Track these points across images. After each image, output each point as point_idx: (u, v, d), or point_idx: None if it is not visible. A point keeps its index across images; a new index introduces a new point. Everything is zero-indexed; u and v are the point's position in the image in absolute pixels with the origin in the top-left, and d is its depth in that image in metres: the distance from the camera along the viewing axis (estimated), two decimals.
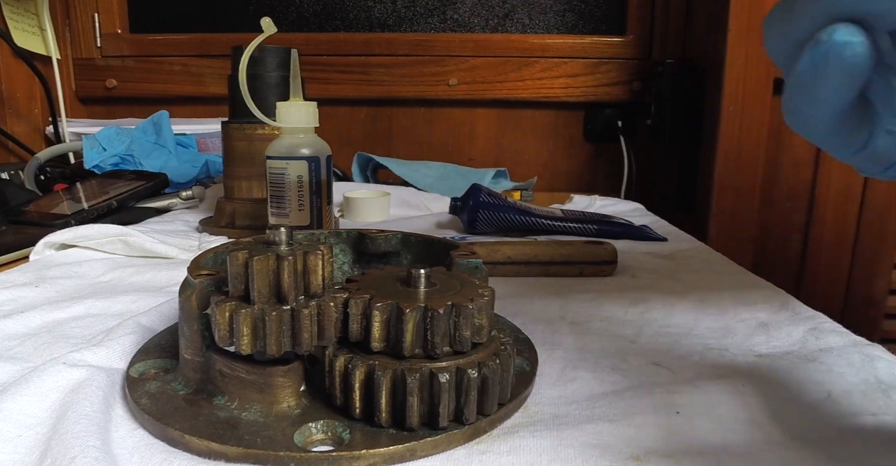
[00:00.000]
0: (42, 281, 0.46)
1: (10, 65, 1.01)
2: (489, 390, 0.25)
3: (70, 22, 1.15)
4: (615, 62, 1.10)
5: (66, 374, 0.28)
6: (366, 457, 0.24)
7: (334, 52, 1.14)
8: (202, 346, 0.27)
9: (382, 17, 1.16)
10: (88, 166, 0.88)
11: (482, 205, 0.66)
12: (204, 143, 1.04)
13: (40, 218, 0.66)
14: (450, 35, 1.14)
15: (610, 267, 0.51)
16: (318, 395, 0.27)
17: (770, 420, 0.27)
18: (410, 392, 0.24)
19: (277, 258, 0.25)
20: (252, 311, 0.25)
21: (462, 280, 0.29)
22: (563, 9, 1.14)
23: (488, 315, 0.26)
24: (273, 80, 0.64)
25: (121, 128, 0.94)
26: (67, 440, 0.23)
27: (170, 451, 0.24)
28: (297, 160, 0.53)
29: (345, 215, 0.78)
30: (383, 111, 1.17)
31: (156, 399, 0.27)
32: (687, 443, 0.25)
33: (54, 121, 1.05)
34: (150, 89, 1.16)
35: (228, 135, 0.65)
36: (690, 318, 0.40)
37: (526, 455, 0.24)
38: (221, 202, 0.67)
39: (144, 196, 0.75)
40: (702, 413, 0.28)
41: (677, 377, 0.31)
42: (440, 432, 0.25)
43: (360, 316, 0.26)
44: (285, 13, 1.16)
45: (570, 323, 0.40)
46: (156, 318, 0.36)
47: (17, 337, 0.36)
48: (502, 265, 0.50)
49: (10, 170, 0.82)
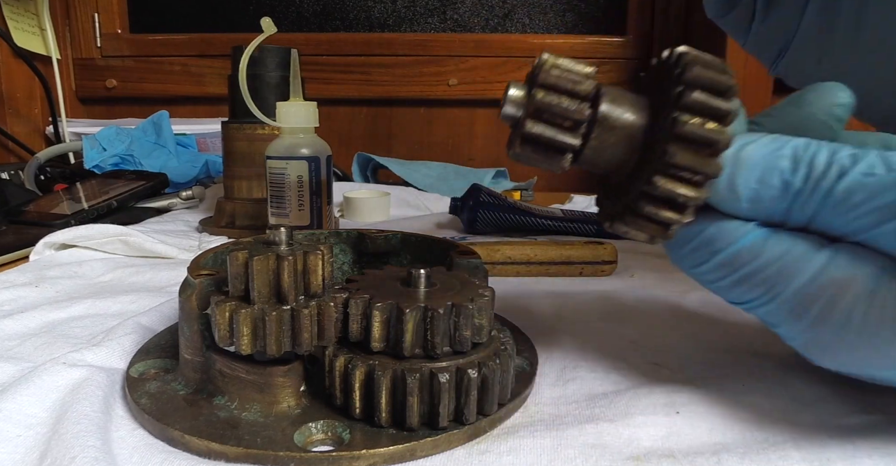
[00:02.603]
0: (42, 281, 0.46)
1: (10, 65, 1.01)
2: (489, 390, 0.25)
3: (70, 22, 1.15)
4: (615, 62, 1.10)
5: (65, 374, 0.28)
6: (366, 457, 0.24)
7: (334, 52, 1.14)
8: (202, 346, 0.27)
9: (382, 17, 1.16)
10: (88, 166, 0.88)
11: (482, 205, 0.66)
12: (204, 143, 1.04)
13: (40, 218, 0.66)
14: (450, 35, 1.14)
15: (610, 267, 0.51)
16: (318, 395, 0.27)
17: (770, 420, 0.27)
18: (410, 393, 0.24)
19: (277, 258, 0.25)
20: (252, 311, 0.25)
21: (462, 280, 0.29)
22: (563, 9, 1.14)
23: (488, 315, 0.26)
24: (273, 80, 0.64)
25: (121, 128, 0.94)
26: (67, 440, 0.23)
27: (170, 451, 0.24)
28: (297, 160, 0.53)
29: (345, 215, 0.78)
30: (383, 111, 1.17)
31: (156, 399, 0.27)
32: (687, 443, 0.25)
33: (54, 121, 1.05)
34: (149, 89, 1.16)
35: (228, 135, 0.65)
36: (691, 318, 0.40)
37: (526, 455, 0.24)
38: (221, 202, 0.67)
39: (144, 196, 0.75)
40: (702, 413, 0.28)
41: (677, 377, 0.31)
42: (440, 432, 0.25)
43: (360, 316, 0.26)
44: (285, 13, 1.16)
45: (570, 323, 0.40)
46: (156, 318, 0.36)
47: (17, 336, 0.36)
48: (502, 265, 0.50)
49: (10, 170, 0.82)
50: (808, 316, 0.23)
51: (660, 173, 0.23)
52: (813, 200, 0.23)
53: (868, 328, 0.22)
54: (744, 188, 0.23)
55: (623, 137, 0.24)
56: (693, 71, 0.23)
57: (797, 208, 0.23)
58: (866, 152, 0.22)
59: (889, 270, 0.22)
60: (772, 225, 0.24)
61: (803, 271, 0.23)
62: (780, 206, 0.23)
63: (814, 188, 0.23)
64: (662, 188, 0.23)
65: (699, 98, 0.22)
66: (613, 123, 0.24)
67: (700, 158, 0.23)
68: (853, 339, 0.23)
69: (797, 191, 0.23)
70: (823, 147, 0.23)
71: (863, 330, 0.22)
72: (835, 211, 0.22)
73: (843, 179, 0.22)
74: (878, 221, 0.22)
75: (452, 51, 1.13)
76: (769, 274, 0.24)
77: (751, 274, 0.24)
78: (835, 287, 0.23)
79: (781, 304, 0.24)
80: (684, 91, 0.22)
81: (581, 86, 0.24)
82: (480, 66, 1.12)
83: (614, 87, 0.25)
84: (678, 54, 0.23)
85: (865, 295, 0.22)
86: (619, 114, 0.24)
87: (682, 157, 0.22)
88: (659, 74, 0.25)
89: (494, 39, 1.12)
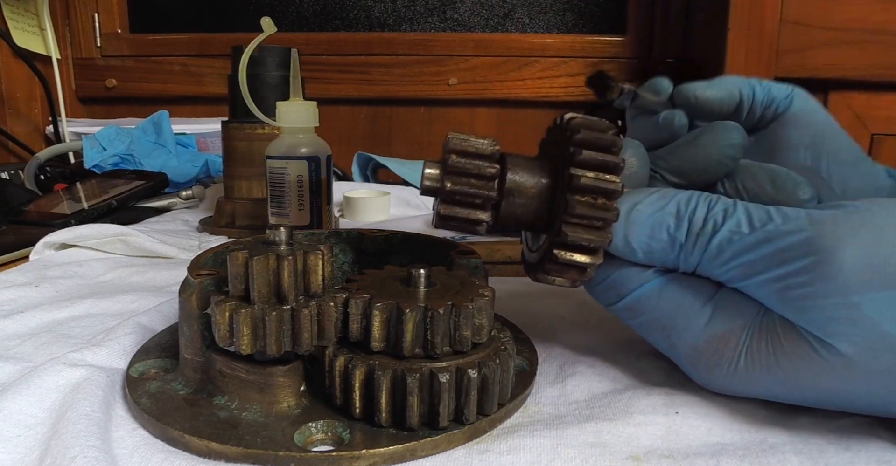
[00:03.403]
0: (42, 281, 0.46)
1: (10, 65, 1.01)
2: (489, 390, 0.25)
3: (70, 22, 1.15)
4: (615, 62, 1.10)
5: (66, 374, 0.28)
6: (366, 457, 0.24)
7: (334, 52, 1.14)
8: (202, 346, 0.27)
9: (382, 16, 1.16)
10: (88, 166, 0.88)
11: None
12: (204, 143, 1.04)
13: (40, 218, 0.66)
14: (450, 35, 1.14)
15: None
16: (318, 395, 0.27)
17: (768, 421, 0.27)
18: (410, 392, 0.24)
19: (277, 258, 0.25)
20: (252, 311, 0.25)
21: (462, 280, 0.29)
22: (562, 8, 1.14)
23: (488, 315, 0.26)
24: (273, 80, 0.64)
25: (121, 128, 0.94)
26: (67, 440, 0.23)
27: (170, 451, 0.24)
28: (296, 160, 0.53)
29: (345, 215, 0.78)
30: (383, 111, 1.17)
31: (156, 399, 0.27)
32: (686, 443, 0.25)
33: (54, 121, 1.05)
34: (149, 89, 1.16)
35: (228, 135, 0.65)
36: None
37: (526, 454, 0.24)
38: (221, 202, 0.67)
39: (144, 196, 0.75)
40: (701, 412, 0.28)
41: (677, 377, 0.31)
42: (440, 432, 0.25)
43: (360, 316, 0.26)
44: (285, 13, 1.16)
45: (570, 322, 0.40)
46: (156, 318, 0.36)
47: (17, 336, 0.36)
48: (502, 265, 0.50)
49: (10, 170, 0.82)
50: (702, 366, 0.27)
51: (567, 223, 0.26)
52: (695, 253, 0.26)
53: (750, 372, 0.26)
54: (637, 243, 0.27)
55: (530, 198, 0.28)
56: (581, 134, 0.27)
57: (683, 258, 0.27)
58: (736, 207, 0.26)
59: (758, 319, 0.26)
60: (668, 270, 0.28)
61: (691, 327, 0.27)
62: (669, 256, 0.27)
63: (694, 242, 0.26)
64: (572, 236, 0.26)
65: (589, 155, 0.26)
66: (520, 189, 0.28)
67: (598, 206, 0.26)
68: (740, 383, 0.26)
69: (681, 244, 0.26)
70: (702, 201, 0.26)
71: (746, 375, 0.26)
72: (712, 263, 0.26)
73: (715, 236, 0.25)
74: (744, 275, 0.25)
75: (452, 50, 1.13)
76: (665, 323, 0.28)
77: (652, 321, 0.28)
78: (717, 341, 0.26)
79: (680, 353, 0.28)
80: (575, 151, 0.26)
81: (486, 167, 0.27)
82: (480, 65, 1.12)
83: (516, 156, 0.29)
84: (566, 119, 0.28)
85: (743, 346, 0.26)
86: (524, 181, 0.28)
87: (583, 208, 0.26)
88: (555, 137, 0.29)
89: (494, 39, 1.12)
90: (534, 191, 0.28)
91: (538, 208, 0.28)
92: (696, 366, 0.28)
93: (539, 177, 0.28)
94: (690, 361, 0.28)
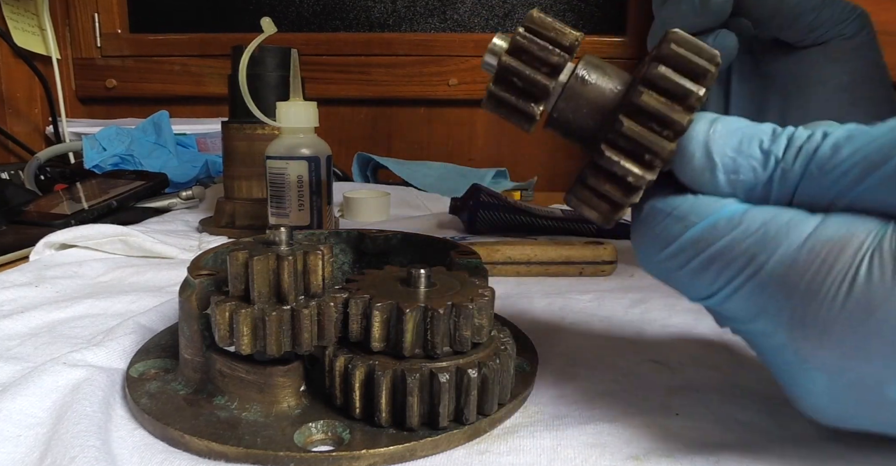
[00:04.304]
0: (42, 281, 0.46)
1: (10, 65, 1.01)
2: (489, 390, 0.25)
3: (70, 22, 1.15)
4: (615, 62, 1.09)
5: (66, 374, 0.28)
6: (366, 457, 0.24)
7: (334, 52, 1.14)
8: (202, 346, 0.27)
9: (382, 17, 1.16)
10: (88, 166, 0.88)
11: (482, 205, 0.66)
12: (204, 143, 1.04)
13: (40, 218, 0.66)
14: (450, 35, 1.14)
15: (610, 267, 0.51)
16: (318, 395, 0.27)
17: (770, 420, 0.27)
18: (410, 392, 0.24)
19: (277, 258, 0.25)
20: (252, 311, 0.25)
21: (462, 280, 0.29)
22: (562, 8, 1.14)
23: (488, 315, 0.26)
24: (273, 80, 0.64)
25: (121, 128, 0.94)
26: (67, 440, 0.23)
27: (170, 451, 0.24)
28: (297, 160, 0.53)
29: (345, 215, 0.78)
30: (383, 111, 1.17)
31: (156, 399, 0.27)
32: (686, 443, 0.25)
33: (54, 121, 1.05)
34: (149, 89, 1.16)
35: (228, 135, 0.65)
36: (690, 318, 0.40)
37: (526, 455, 0.25)
38: (221, 202, 0.67)
39: (144, 196, 0.75)
40: (701, 413, 0.28)
41: (677, 377, 0.31)
42: (440, 432, 0.25)
43: (360, 316, 0.26)
44: (285, 13, 1.16)
45: (570, 323, 0.40)
46: (156, 318, 0.36)
47: (17, 336, 0.36)
48: (502, 265, 0.50)
49: (10, 170, 0.82)
50: (798, 290, 0.20)
51: (609, 144, 0.22)
52: (798, 164, 0.21)
53: (872, 292, 0.19)
54: (720, 156, 0.21)
55: (590, 103, 0.23)
56: (667, 47, 0.21)
57: (780, 177, 0.21)
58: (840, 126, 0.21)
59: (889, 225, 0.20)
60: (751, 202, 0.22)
61: (791, 235, 0.21)
62: (760, 178, 0.21)
63: (796, 153, 0.21)
64: (629, 129, 0.21)
65: (663, 73, 0.21)
66: (587, 89, 0.23)
67: (652, 135, 0.21)
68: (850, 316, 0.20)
69: (778, 159, 0.21)
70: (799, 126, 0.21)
71: (864, 299, 0.19)
72: (822, 169, 0.20)
73: (826, 140, 0.20)
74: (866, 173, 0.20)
75: (452, 51, 1.13)
76: (749, 245, 0.21)
77: (727, 249, 0.22)
78: (830, 246, 0.20)
79: (762, 282, 0.21)
80: (650, 64, 0.21)
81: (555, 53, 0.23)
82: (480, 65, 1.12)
83: (596, 57, 0.24)
84: (665, 32, 0.22)
85: (867, 251, 0.20)
86: (594, 80, 0.23)
87: (651, 100, 0.21)
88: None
89: None
90: (596, 96, 0.23)
91: (596, 118, 0.23)
92: (788, 294, 0.21)
93: (609, 84, 0.23)
94: (781, 287, 0.21)
